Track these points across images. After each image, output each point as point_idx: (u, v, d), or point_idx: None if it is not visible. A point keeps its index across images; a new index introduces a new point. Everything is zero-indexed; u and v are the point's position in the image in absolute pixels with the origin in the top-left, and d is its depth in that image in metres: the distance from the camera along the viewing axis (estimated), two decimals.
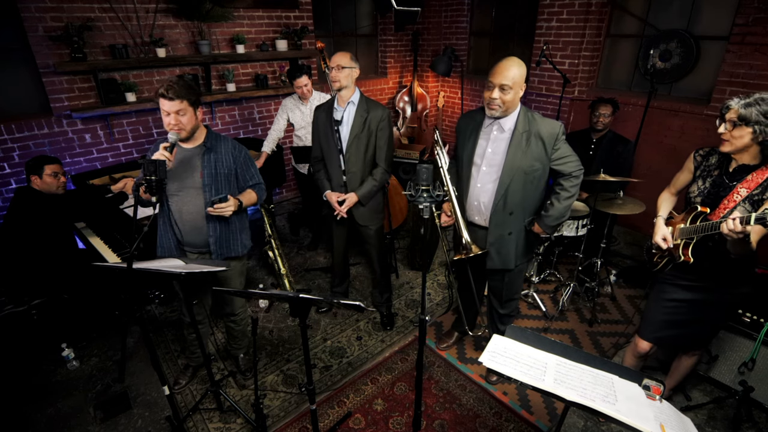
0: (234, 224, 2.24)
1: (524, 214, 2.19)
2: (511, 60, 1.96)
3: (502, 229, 2.20)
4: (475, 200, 2.23)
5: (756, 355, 2.31)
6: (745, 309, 2.37)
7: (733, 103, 1.68)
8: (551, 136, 2.03)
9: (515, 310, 2.54)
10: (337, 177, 2.68)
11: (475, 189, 2.21)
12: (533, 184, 2.11)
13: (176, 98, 1.91)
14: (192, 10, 3.82)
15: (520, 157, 2.04)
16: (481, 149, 2.17)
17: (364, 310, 2.12)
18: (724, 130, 1.71)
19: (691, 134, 3.71)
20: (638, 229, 4.26)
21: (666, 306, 2.03)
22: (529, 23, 4.75)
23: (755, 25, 3.20)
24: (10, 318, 2.57)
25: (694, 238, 1.82)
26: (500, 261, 2.28)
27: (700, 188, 1.87)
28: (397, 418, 2.40)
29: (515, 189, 2.10)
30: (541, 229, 2.21)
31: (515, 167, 2.06)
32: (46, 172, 2.61)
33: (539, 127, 2.03)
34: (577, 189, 2.12)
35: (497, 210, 2.16)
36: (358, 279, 3.72)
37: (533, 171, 2.07)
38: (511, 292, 2.44)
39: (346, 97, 2.55)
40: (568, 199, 2.12)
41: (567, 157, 2.08)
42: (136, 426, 2.37)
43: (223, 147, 2.14)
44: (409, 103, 5.75)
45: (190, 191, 2.10)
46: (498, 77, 1.95)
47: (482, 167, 2.17)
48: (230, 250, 2.26)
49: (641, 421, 1.20)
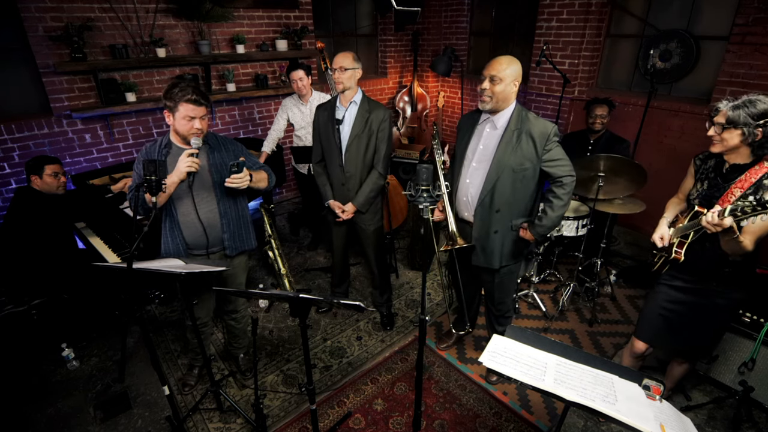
0: (244, 218, 2.28)
1: (511, 214, 2.18)
2: (505, 56, 2.02)
3: (487, 226, 2.20)
4: (464, 195, 2.25)
5: (756, 355, 2.31)
6: (745, 309, 2.37)
7: (721, 106, 1.70)
8: (542, 136, 2.02)
9: (510, 311, 2.53)
10: (337, 176, 2.67)
11: (464, 184, 2.23)
12: (522, 183, 2.11)
13: (205, 103, 1.94)
14: (192, 10, 3.82)
15: (510, 154, 2.05)
16: (473, 145, 2.20)
17: (364, 310, 2.12)
18: (713, 133, 1.74)
19: (691, 134, 3.71)
20: (638, 229, 4.26)
21: (661, 307, 2.04)
22: (529, 23, 4.75)
23: (755, 25, 3.20)
24: (10, 318, 2.57)
25: (688, 237, 1.83)
26: (485, 259, 2.28)
27: (699, 190, 1.89)
28: (397, 418, 2.40)
29: (503, 186, 2.10)
30: (531, 236, 2.19)
31: (503, 164, 2.06)
32: (47, 172, 2.61)
33: (531, 126, 2.03)
34: (569, 197, 2.10)
35: (483, 205, 2.17)
36: (358, 279, 3.72)
37: (522, 170, 2.07)
38: (503, 294, 2.44)
39: (348, 97, 2.55)
40: (561, 208, 2.10)
41: (559, 160, 2.06)
42: (136, 426, 2.37)
43: (222, 145, 2.17)
44: (409, 103, 5.75)
45: (200, 191, 2.10)
46: (488, 69, 2.00)
47: (473, 163, 2.18)
48: (244, 244, 2.30)
49: (641, 421, 1.20)
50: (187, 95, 1.90)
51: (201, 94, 1.94)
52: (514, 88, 2.02)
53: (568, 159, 2.09)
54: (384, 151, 2.62)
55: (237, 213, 2.23)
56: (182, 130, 1.97)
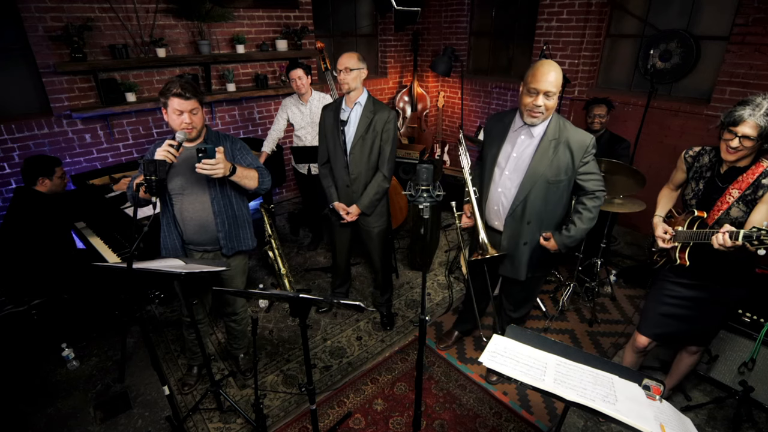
0: (241, 218, 2.25)
1: (542, 225, 2.12)
2: (551, 65, 1.86)
3: (516, 237, 2.14)
4: (495, 204, 2.18)
5: (756, 355, 2.31)
6: (745, 309, 2.37)
7: (745, 115, 1.58)
8: (581, 148, 1.95)
9: (527, 316, 2.50)
10: (342, 178, 2.66)
11: (495, 193, 2.16)
12: (556, 195, 2.04)
13: (193, 97, 1.93)
14: (192, 10, 3.82)
15: (546, 165, 1.97)
16: (506, 153, 2.09)
17: (364, 310, 2.11)
18: (738, 144, 1.63)
19: (692, 134, 3.71)
20: (638, 229, 4.26)
21: (665, 302, 2.04)
22: (529, 23, 4.75)
23: (755, 25, 3.20)
24: (10, 318, 2.57)
25: (690, 242, 1.83)
26: (512, 269, 2.24)
27: (694, 190, 1.88)
28: (397, 418, 2.40)
29: (536, 198, 2.03)
30: (555, 245, 2.11)
31: (538, 175, 1.98)
32: (57, 174, 2.64)
33: (569, 136, 1.95)
34: (597, 210, 2.06)
35: (514, 216, 2.11)
36: (358, 279, 3.72)
37: (557, 182, 2.00)
38: (524, 301, 2.42)
39: (353, 97, 2.53)
40: (590, 221, 2.05)
41: (593, 174, 2.01)
42: (136, 426, 2.37)
43: (222, 143, 2.13)
44: (409, 103, 5.75)
45: (196, 189, 2.10)
46: (542, 83, 1.83)
47: (505, 171, 2.09)
48: (240, 244, 2.27)
49: (641, 421, 1.20)
50: (174, 89, 1.89)
51: (188, 88, 1.91)
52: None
53: (600, 173, 2.05)
54: (388, 153, 2.58)
55: (233, 213, 2.20)
56: (173, 124, 1.97)
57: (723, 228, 1.59)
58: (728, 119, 1.64)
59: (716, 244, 1.59)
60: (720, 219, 1.76)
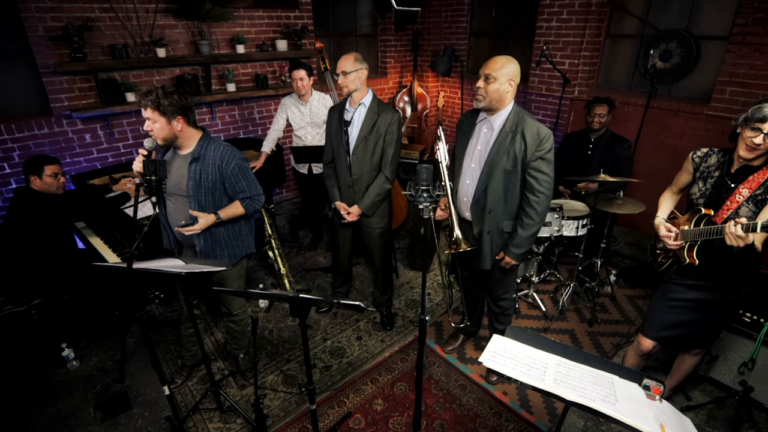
0: (220, 235, 2.19)
1: (503, 215, 2.17)
2: (502, 55, 2.03)
3: (480, 226, 2.21)
4: (464, 196, 2.25)
5: (756, 355, 2.31)
6: (745, 309, 2.37)
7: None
8: (535, 139, 1.99)
9: (510, 310, 2.53)
10: (345, 178, 2.67)
11: (464, 185, 2.24)
12: (515, 186, 2.10)
13: (147, 107, 1.88)
14: (192, 10, 3.82)
15: (502, 155, 2.04)
16: (471, 146, 2.20)
17: (364, 310, 2.12)
18: (761, 141, 1.61)
19: (692, 134, 3.71)
20: (638, 229, 4.26)
21: (672, 306, 2.02)
22: (529, 23, 4.74)
23: (755, 25, 3.20)
24: (10, 318, 2.57)
25: (698, 240, 1.81)
26: (478, 259, 2.29)
27: (701, 190, 1.86)
28: (397, 418, 2.40)
29: (495, 187, 2.10)
30: (510, 259, 2.19)
31: (495, 165, 2.06)
32: (46, 173, 2.60)
33: (525, 127, 2.01)
34: (542, 218, 2.09)
35: (478, 206, 2.18)
36: (358, 279, 3.72)
37: (514, 171, 2.06)
38: (501, 291, 2.44)
39: (357, 98, 2.52)
40: (532, 227, 2.10)
41: (544, 174, 2.02)
42: (136, 426, 2.37)
43: (210, 158, 2.04)
44: (409, 103, 5.75)
45: (180, 198, 2.11)
46: (484, 68, 2.01)
47: (471, 164, 2.19)
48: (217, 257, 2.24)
49: (641, 421, 1.20)
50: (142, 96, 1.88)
51: (148, 97, 1.86)
52: (510, 88, 2.00)
53: (552, 178, 2.05)
54: (391, 154, 2.59)
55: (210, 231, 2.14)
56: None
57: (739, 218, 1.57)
58: (756, 115, 1.61)
59: (731, 237, 1.56)
60: (729, 218, 1.75)
